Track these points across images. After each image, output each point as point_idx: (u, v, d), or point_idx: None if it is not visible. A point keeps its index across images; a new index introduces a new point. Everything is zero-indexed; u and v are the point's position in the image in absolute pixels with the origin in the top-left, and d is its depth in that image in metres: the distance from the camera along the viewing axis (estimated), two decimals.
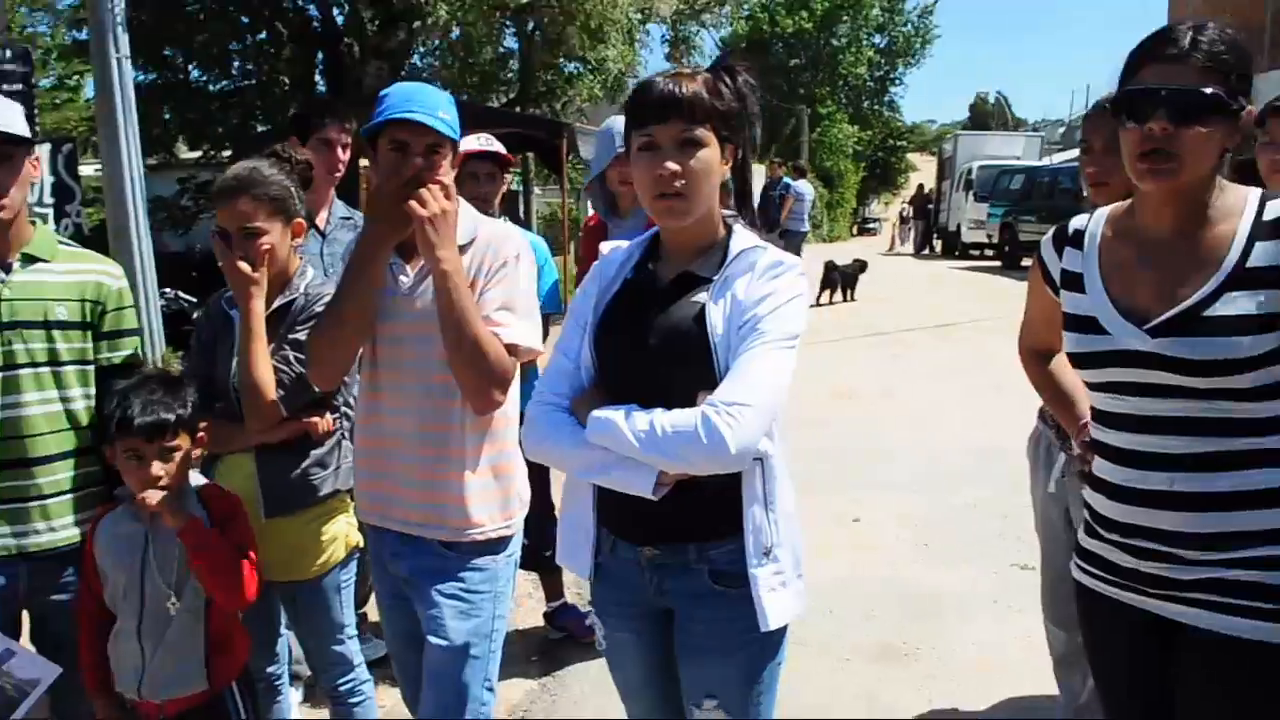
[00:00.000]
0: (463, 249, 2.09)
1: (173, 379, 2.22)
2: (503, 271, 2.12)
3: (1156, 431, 1.68)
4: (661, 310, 1.77)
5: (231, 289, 2.31)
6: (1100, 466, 1.80)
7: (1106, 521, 1.78)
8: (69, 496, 2.28)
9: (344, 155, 3.38)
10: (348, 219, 3.48)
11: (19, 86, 6.52)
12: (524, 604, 4.14)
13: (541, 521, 3.17)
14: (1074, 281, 1.80)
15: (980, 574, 4.28)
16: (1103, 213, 1.83)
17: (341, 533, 2.52)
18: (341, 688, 2.60)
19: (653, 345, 1.75)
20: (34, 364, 2.22)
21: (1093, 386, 1.79)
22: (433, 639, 2.17)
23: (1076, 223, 1.84)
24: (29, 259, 2.25)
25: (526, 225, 16.39)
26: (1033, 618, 3.08)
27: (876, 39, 44.62)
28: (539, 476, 1.89)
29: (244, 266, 2.26)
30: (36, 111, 6.71)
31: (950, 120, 79.45)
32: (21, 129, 2.17)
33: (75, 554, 2.27)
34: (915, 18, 44.60)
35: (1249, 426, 1.62)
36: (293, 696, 2.93)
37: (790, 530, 1.81)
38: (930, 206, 28.08)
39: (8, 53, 6.54)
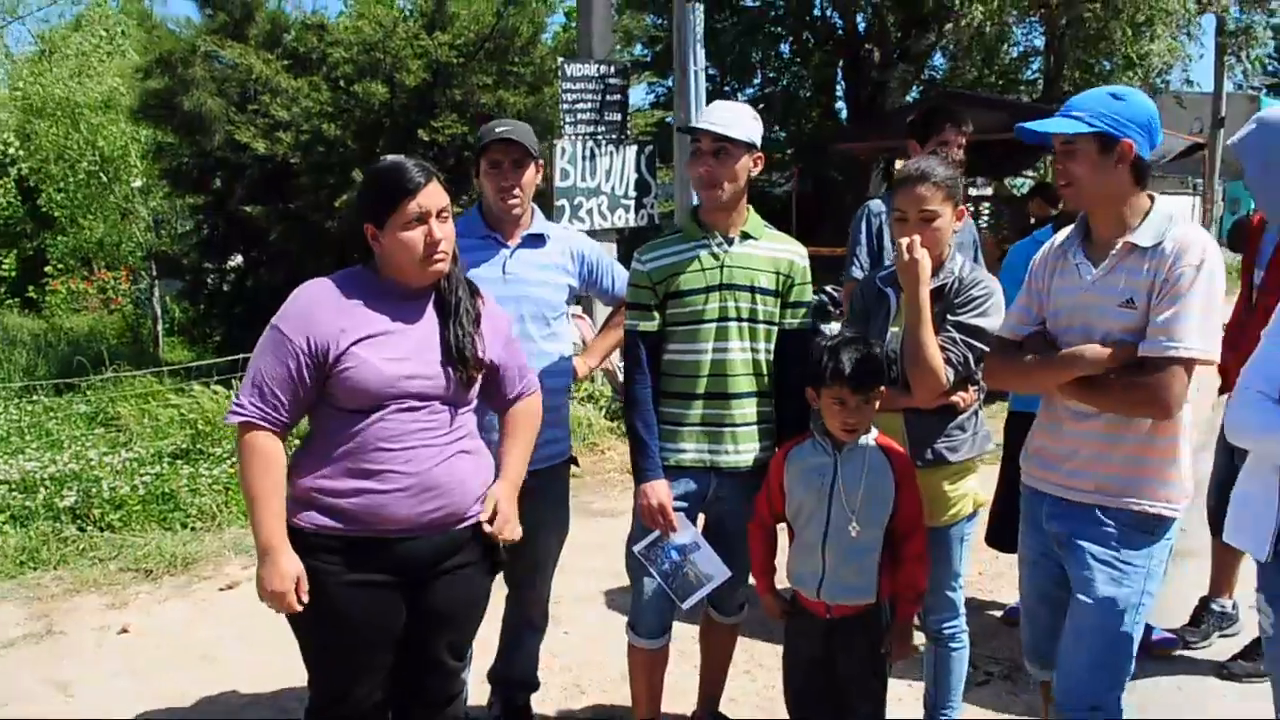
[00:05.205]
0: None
1: (870, 344, 2.54)
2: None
3: None
4: None
5: (899, 273, 2.57)
6: None
7: None
8: (753, 428, 2.74)
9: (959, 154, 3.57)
10: None
11: (618, 98, 7.71)
12: None
13: None
14: None
15: None
16: None
17: (971, 490, 2.75)
18: (945, 630, 2.83)
19: None
20: (739, 319, 2.69)
21: None
22: (1082, 598, 2.31)
23: None
24: (744, 235, 2.72)
25: None
26: None
27: None
28: None
29: (915, 255, 2.51)
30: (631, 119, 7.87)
31: None
32: (739, 131, 2.60)
33: (751, 474, 2.71)
34: None
35: None
36: None
37: None
38: None
39: (611, 69, 7.72)
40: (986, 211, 13.72)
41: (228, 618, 4.22)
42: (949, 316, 2.60)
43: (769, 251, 2.72)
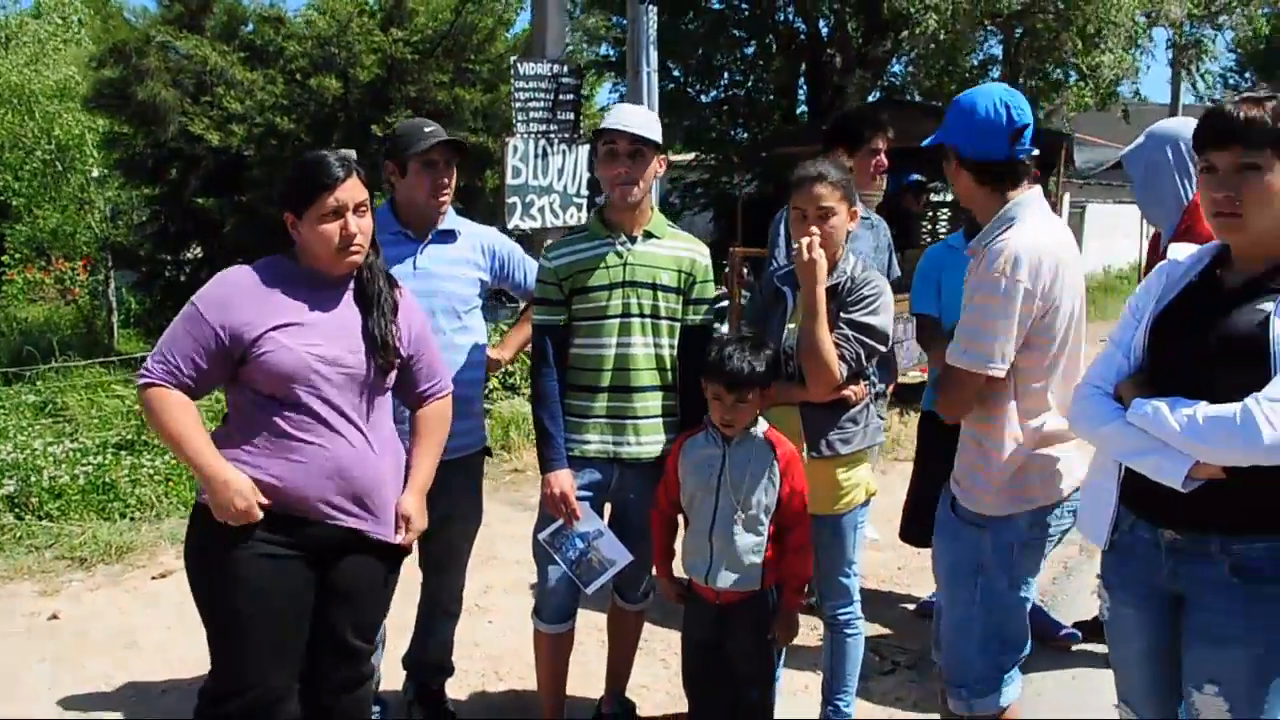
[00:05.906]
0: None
1: (761, 342, 2.66)
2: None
3: None
4: (1224, 314, 1.87)
5: (798, 271, 2.67)
6: None
7: None
8: (656, 420, 2.82)
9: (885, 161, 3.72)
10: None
11: (571, 97, 7.77)
12: None
13: None
14: None
15: None
16: None
17: (863, 480, 2.87)
18: (840, 616, 2.94)
19: (1211, 345, 1.87)
20: (641, 315, 2.77)
21: None
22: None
23: None
24: (647, 235, 2.82)
25: None
26: None
27: None
28: None
29: (813, 255, 2.61)
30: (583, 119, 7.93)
31: None
32: (654, 134, 2.70)
33: (654, 465, 2.80)
34: None
35: None
36: None
37: None
38: None
39: (565, 68, 7.78)
40: (945, 217, 13.94)
41: (157, 606, 4.26)
42: (842, 314, 2.71)
43: (671, 250, 2.82)
